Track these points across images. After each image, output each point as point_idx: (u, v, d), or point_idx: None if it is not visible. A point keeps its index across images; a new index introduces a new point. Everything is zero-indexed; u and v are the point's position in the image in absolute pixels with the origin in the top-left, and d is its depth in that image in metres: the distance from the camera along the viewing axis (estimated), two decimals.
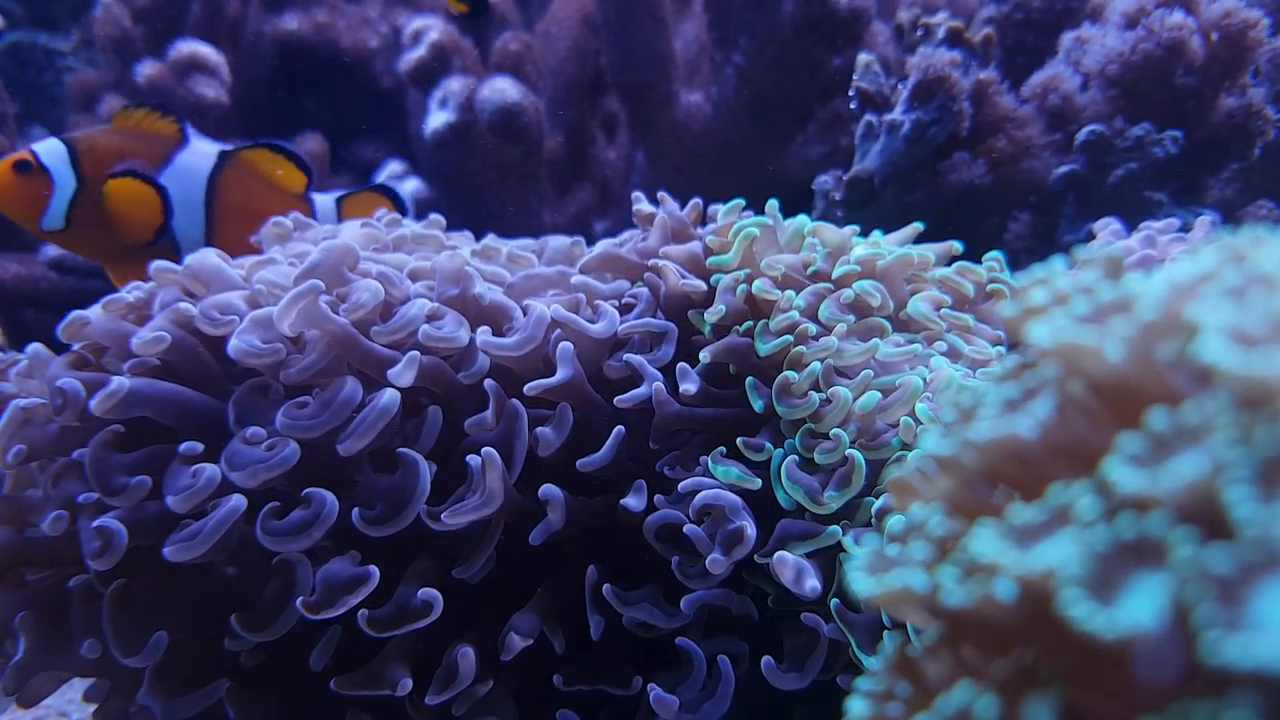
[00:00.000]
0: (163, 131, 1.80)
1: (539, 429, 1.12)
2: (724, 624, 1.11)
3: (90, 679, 1.17)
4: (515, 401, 1.12)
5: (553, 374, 1.14)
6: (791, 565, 1.01)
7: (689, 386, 1.13)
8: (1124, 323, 0.49)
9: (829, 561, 1.04)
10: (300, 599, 1.01)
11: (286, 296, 1.08)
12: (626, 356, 1.16)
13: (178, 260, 1.26)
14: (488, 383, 1.13)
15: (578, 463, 1.11)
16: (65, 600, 1.10)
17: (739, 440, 1.11)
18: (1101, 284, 0.52)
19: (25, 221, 1.77)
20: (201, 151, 1.82)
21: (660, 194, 1.37)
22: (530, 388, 1.11)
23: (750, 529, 1.03)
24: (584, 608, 1.10)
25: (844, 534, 1.03)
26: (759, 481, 1.08)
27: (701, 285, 1.21)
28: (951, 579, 0.48)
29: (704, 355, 1.15)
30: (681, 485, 1.09)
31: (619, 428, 1.11)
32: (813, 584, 1.00)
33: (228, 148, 1.86)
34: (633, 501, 1.10)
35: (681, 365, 1.14)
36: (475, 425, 1.12)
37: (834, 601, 1.01)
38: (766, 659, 1.03)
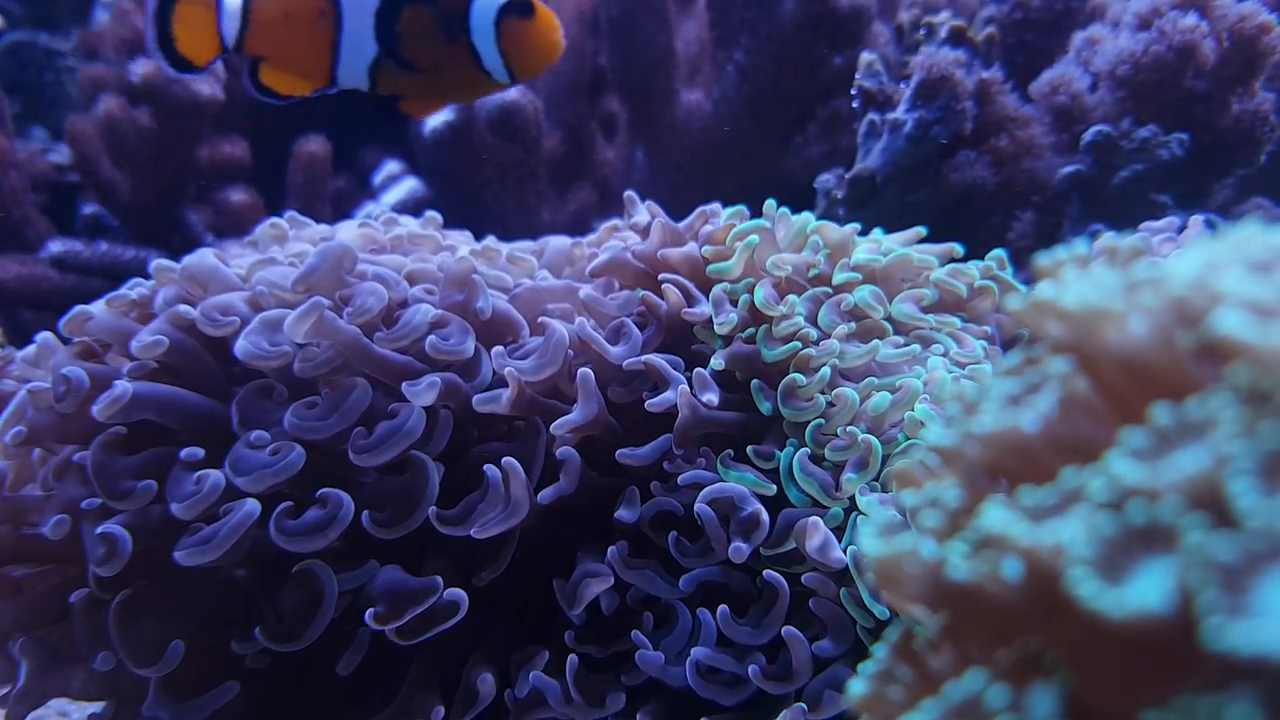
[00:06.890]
0: None
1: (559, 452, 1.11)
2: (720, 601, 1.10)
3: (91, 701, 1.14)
4: (538, 420, 1.12)
5: (567, 395, 1.15)
6: (822, 533, 1.01)
7: (710, 396, 1.11)
8: (1151, 293, 0.48)
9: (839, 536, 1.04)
10: (369, 612, 1.01)
11: (295, 313, 1.07)
12: (647, 358, 1.14)
13: None
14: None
15: (618, 453, 1.11)
16: (65, 616, 1.08)
17: (749, 449, 1.10)
18: (1133, 264, 0.52)
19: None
20: None
21: (647, 203, 1.35)
22: (559, 425, 1.09)
23: (764, 513, 1.03)
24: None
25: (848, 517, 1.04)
26: (774, 488, 1.07)
27: (705, 313, 1.18)
28: (959, 554, 0.47)
29: (716, 361, 1.14)
30: (682, 478, 1.08)
31: (667, 435, 1.11)
32: (838, 555, 0.99)
33: None
34: (625, 514, 1.09)
35: (699, 372, 1.13)
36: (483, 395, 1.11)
37: (850, 549, 1.00)
38: (722, 607, 1.02)
